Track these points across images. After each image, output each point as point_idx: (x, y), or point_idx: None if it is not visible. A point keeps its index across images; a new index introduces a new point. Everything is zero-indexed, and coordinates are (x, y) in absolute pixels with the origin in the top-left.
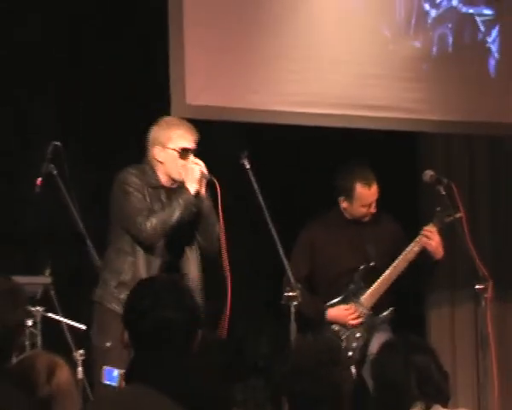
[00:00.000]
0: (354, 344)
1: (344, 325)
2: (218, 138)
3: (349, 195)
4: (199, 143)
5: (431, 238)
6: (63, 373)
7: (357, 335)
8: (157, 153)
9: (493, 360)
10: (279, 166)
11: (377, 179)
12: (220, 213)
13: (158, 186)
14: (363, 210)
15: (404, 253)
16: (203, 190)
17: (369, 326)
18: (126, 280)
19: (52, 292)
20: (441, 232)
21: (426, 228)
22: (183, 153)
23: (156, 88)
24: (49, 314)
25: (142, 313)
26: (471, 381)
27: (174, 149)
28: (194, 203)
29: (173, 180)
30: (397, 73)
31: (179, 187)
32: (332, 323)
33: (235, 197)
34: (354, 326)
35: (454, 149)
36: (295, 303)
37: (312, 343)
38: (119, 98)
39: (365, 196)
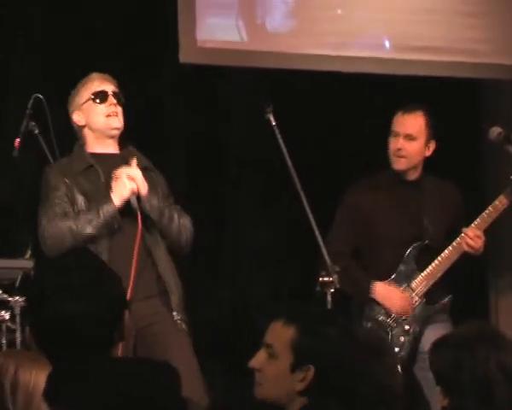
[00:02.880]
0: (402, 339)
1: (390, 315)
2: (239, 90)
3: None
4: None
5: (472, 245)
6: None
7: (407, 327)
8: (76, 118)
9: None
10: (311, 122)
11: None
12: (135, 254)
13: (88, 165)
14: (391, 143)
15: (447, 249)
16: (144, 193)
17: (420, 318)
18: None
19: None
20: None
21: (466, 232)
22: (98, 97)
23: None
24: None
25: (41, 303)
26: None
27: (87, 101)
28: (117, 219)
29: (106, 137)
30: (454, 6)
31: (104, 197)
32: (377, 304)
33: (259, 159)
34: (402, 316)
35: None
36: (332, 290)
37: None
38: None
39: (396, 120)
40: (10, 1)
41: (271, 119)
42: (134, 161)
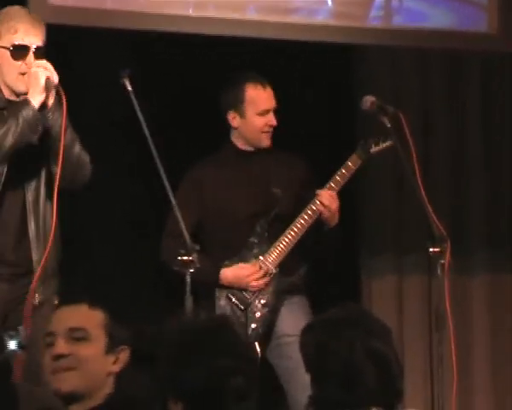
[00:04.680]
0: (258, 314)
1: (244, 290)
2: (92, 52)
3: (239, 103)
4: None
5: (328, 205)
6: None
7: (263, 302)
8: None
9: (452, 345)
10: (170, 89)
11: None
12: (62, 140)
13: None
14: (260, 122)
15: (300, 216)
16: (51, 102)
17: (276, 290)
18: None
19: None
20: (364, 165)
21: (320, 192)
22: (17, 52)
23: None
24: None
25: None
26: (422, 373)
27: (5, 47)
28: (39, 119)
29: (16, 93)
30: None
31: (21, 100)
32: (229, 288)
33: (113, 127)
34: (258, 289)
35: (403, 68)
36: (192, 270)
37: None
38: None
39: (259, 97)
40: None
41: (127, 84)
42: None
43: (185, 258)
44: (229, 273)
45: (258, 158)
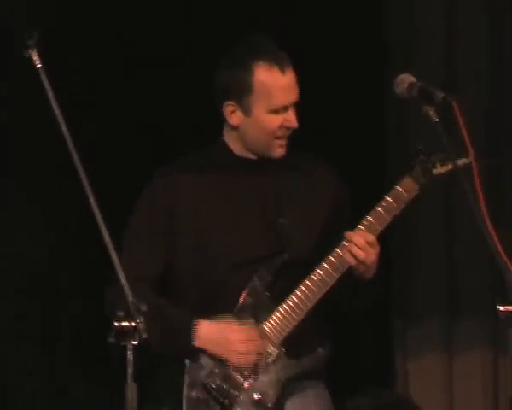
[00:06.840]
0: None
1: (228, 377)
2: None
3: (242, 91)
4: None
5: (362, 259)
6: None
7: (256, 397)
8: None
9: None
10: (99, 59)
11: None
12: None
13: None
14: (274, 122)
15: (320, 267)
16: None
17: (279, 380)
18: None
19: None
20: (422, 194)
21: (349, 235)
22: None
23: None
24: None
25: None
26: None
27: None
28: None
29: None
30: None
31: None
32: (208, 358)
33: (17, 117)
34: (247, 365)
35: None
36: (135, 343)
37: None
38: None
39: (276, 86)
40: None
41: (35, 57)
42: None
43: (125, 324)
44: (206, 329)
45: (264, 170)
